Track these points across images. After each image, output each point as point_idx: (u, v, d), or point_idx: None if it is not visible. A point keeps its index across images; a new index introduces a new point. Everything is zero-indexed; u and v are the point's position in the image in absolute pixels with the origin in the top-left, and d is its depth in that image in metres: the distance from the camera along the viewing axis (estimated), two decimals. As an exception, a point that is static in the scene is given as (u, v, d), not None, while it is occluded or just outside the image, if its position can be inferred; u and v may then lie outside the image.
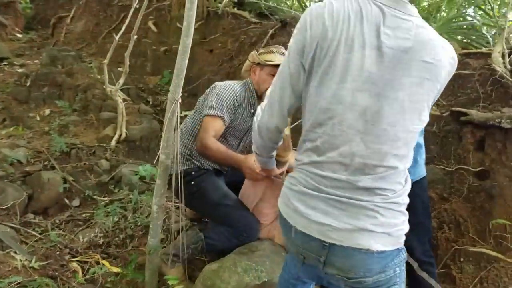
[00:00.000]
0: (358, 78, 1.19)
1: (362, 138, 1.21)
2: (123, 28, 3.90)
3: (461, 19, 3.77)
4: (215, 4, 5.96)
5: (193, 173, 2.47)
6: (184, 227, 2.61)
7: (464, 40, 3.69)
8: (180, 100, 2.14)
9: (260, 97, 2.57)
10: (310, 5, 6.33)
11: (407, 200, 1.29)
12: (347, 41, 1.19)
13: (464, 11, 3.84)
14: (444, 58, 1.23)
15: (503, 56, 2.77)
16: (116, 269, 2.61)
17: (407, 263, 1.39)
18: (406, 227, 1.28)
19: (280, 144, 1.56)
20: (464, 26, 3.74)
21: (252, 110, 2.57)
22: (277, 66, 2.48)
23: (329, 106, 1.22)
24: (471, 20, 3.69)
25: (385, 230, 1.22)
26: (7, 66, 5.96)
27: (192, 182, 2.43)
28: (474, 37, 3.64)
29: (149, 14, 6.33)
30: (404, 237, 1.28)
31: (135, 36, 3.65)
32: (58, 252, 2.67)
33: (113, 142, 3.92)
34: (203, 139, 2.33)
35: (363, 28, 1.19)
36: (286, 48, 1.41)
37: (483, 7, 3.69)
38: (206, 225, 2.74)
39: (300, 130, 1.38)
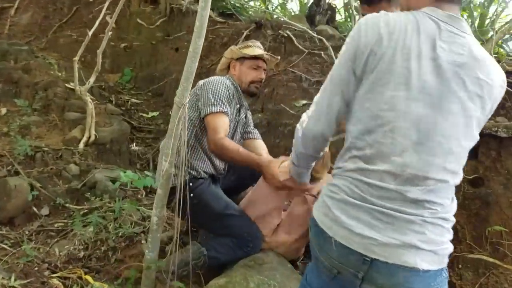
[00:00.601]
0: (413, 87, 1.17)
1: (415, 149, 1.18)
2: (97, 23, 3.62)
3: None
4: (178, 1, 5.77)
5: (190, 184, 2.27)
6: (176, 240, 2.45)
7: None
8: (187, 105, 2.02)
9: (243, 92, 2.53)
10: (273, 7, 6.35)
11: (454, 219, 1.26)
12: (403, 50, 1.17)
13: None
14: (496, 78, 1.24)
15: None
16: (99, 285, 2.41)
17: None
18: (451, 247, 1.25)
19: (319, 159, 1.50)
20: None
21: (238, 106, 2.49)
22: (257, 58, 2.53)
23: (381, 113, 1.19)
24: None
25: (432, 248, 1.18)
26: None
27: (192, 194, 2.24)
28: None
29: (105, 9, 6.01)
30: (448, 257, 1.25)
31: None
32: (36, 268, 2.42)
33: (81, 145, 3.63)
34: (218, 140, 2.19)
35: (420, 39, 1.18)
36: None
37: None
38: (201, 237, 2.60)
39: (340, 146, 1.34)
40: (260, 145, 2.73)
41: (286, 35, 4.05)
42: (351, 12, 4.57)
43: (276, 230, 2.44)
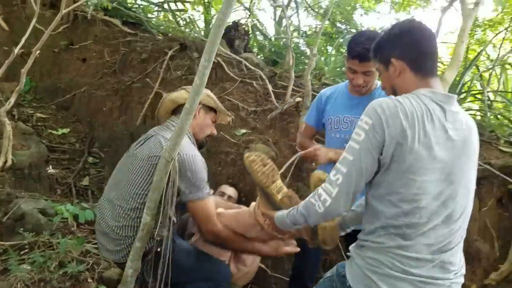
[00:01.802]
0: (438, 170, 1.39)
1: (444, 221, 1.41)
2: None
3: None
4: (82, 8, 5.40)
5: (158, 249, 2.14)
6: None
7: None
8: (177, 159, 1.96)
9: (196, 142, 2.33)
10: (181, 21, 6.32)
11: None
12: (425, 139, 1.36)
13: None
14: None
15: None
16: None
17: None
18: None
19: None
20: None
21: None
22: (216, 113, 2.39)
23: (415, 197, 1.37)
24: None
25: None
26: None
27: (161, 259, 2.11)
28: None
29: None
30: None
31: None
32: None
33: (-4, 171, 3.26)
34: (212, 230, 2.12)
35: (435, 126, 1.39)
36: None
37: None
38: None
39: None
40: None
41: (216, 61, 4.13)
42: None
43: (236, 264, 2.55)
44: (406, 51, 1.49)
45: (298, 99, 3.54)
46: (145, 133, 2.39)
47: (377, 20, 8.49)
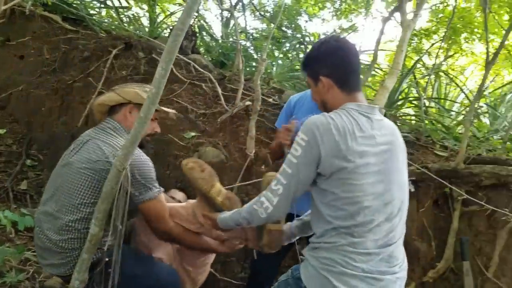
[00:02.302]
0: (374, 173, 1.53)
1: (387, 218, 1.55)
2: None
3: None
4: (20, 2, 5.12)
5: (106, 259, 2.06)
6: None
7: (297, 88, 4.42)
8: (129, 169, 1.88)
9: (141, 146, 2.21)
10: (125, 19, 6.14)
11: None
12: (358, 148, 1.51)
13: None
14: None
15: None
16: None
17: None
18: None
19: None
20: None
21: None
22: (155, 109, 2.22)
23: (358, 199, 1.50)
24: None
25: None
26: None
27: (110, 269, 2.03)
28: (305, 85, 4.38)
29: None
30: None
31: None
32: None
33: None
34: (165, 229, 2.09)
35: (365, 135, 1.54)
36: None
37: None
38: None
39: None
40: None
41: (163, 61, 4.06)
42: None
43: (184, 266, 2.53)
44: (333, 70, 1.64)
45: (248, 102, 3.57)
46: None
47: (321, 26, 8.72)
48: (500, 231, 2.86)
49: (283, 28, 6.03)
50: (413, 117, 4.63)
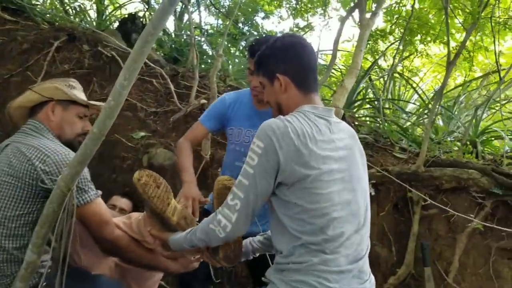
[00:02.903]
0: (339, 180, 1.40)
1: (356, 230, 1.41)
2: None
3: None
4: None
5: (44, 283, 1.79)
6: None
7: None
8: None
9: (64, 145, 1.96)
10: (70, 10, 5.76)
11: None
12: (321, 153, 1.37)
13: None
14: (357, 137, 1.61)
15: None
16: None
17: None
18: None
19: None
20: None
21: None
22: (84, 106, 2.03)
23: (325, 210, 1.35)
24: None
25: None
26: None
27: None
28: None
29: None
30: None
31: None
32: None
33: None
34: (110, 236, 1.82)
35: (325, 140, 1.41)
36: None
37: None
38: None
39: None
40: None
41: (110, 55, 3.78)
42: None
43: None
44: (290, 66, 1.51)
45: (203, 101, 3.36)
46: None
47: (278, 24, 8.62)
48: (460, 235, 2.83)
49: (240, 25, 5.86)
50: (371, 118, 4.61)
